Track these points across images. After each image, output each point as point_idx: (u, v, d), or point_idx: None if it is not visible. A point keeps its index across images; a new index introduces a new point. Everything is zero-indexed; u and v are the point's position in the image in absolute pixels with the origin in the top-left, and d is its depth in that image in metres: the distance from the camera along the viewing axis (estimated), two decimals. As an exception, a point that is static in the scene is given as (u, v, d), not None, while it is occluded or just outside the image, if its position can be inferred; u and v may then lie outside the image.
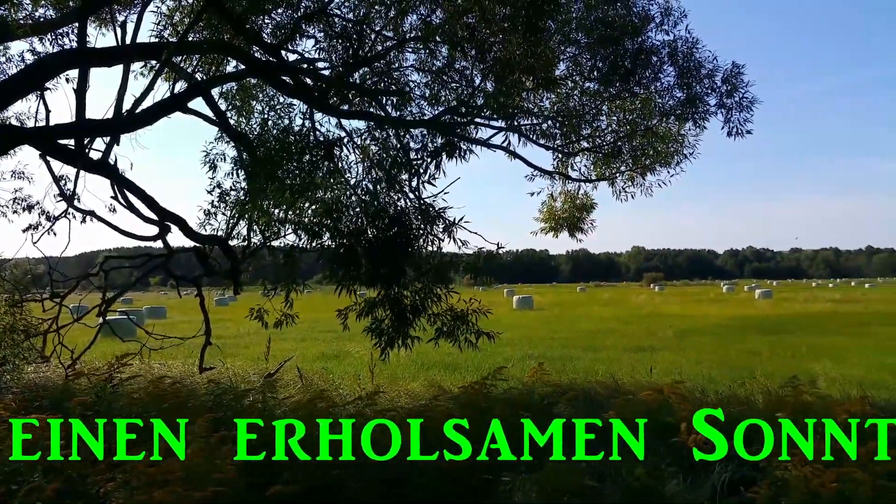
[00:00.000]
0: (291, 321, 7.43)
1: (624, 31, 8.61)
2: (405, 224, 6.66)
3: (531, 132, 9.69)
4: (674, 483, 4.10)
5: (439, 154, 6.63)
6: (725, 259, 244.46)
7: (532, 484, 3.86)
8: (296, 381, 9.22)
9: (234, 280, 7.82)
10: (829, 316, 27.33)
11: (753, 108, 8.75)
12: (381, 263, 6.62)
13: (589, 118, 10.17)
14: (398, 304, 6.97)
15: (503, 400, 5.79)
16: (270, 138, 7.50)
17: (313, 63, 8.38)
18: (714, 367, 12.46)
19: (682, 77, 9.07)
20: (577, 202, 12.33)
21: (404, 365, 11.97)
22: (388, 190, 6.83)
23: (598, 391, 8.28)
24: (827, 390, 8.81)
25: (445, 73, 8.57)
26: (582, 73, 9.59)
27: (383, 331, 7.10)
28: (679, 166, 10.63)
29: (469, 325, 7.04)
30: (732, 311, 31.89)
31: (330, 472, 4.26)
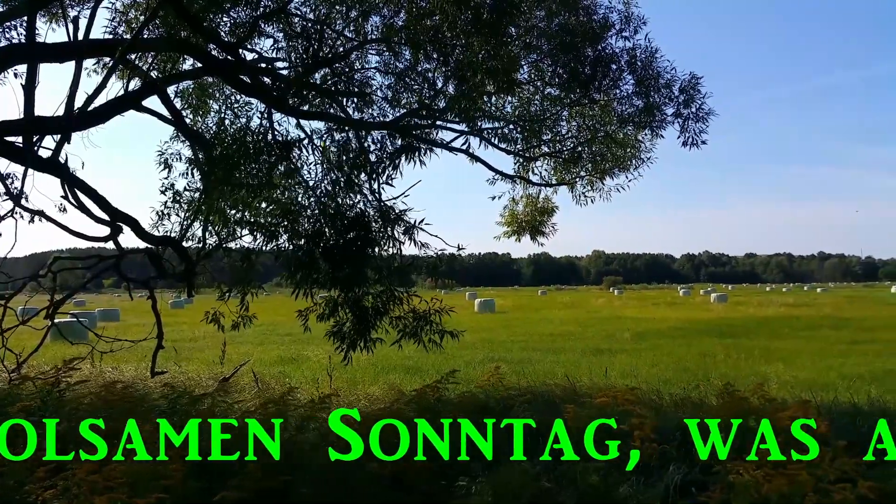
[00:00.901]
0: (248, 323, 7.32)
1: (584, 38, 8.68)
2: (365, 226, 6.61)
3: (493, 136, 9.74)
4: (627, 485, 4.15)
5: (398, 156, 6.60)
6: (682, 263, 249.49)
7: (488, 487, 3.86)
8: (252, 386, 9.08)
9: (188, 282, 7.66)
10: (781, 320, 28.04)
11: (709, 120, 8.91)
12: (341, 266, 6.56)
13: (550, 123, 10.26)
14: (359, 306, 6.92)
15: (457, 403, 5.79)
16: (227, 138, 7.38)
17: (272, 63, 8.27)
18: (669, 370, 12.68)
19: (640, 85, 9.17)
20: (538, 206, 12.44)
21: (364, 368, 11.89)
22: (348, 192, 6.77)
23: (556, 393, 8.37)
24: (779, 392, 9.09)
25: (408, 76, 8.54)
26: (543, 79, 9.68)
27: (345, 334, 7.04)
28: (637, 171, 10.83)
29: (432, 325, 7.02)
30: (688, 315, 32.52)
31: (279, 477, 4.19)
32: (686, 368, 12.91)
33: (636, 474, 4.39)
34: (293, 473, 4.36)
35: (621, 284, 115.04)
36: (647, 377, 11.49)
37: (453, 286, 8.40)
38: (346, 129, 7.46)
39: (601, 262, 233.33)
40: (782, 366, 13.20)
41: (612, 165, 11.01)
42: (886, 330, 21.77)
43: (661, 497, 4.09)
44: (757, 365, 13.50)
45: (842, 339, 19.10)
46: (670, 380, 11.05)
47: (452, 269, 7.28)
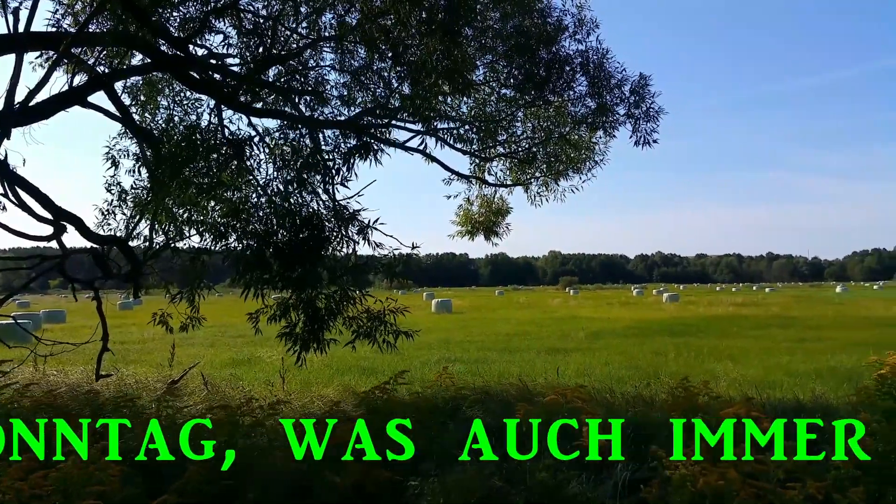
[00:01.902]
0: (198, 325, 7.15)
1: (539, 40, 8.76)
2: (318, 226, 6.52)
3: (449, 136, 9.74)
4: (576, 483, 4.19)
5: (353, 155, 6.53)
6: (636, 264, 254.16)
7: (439, 487, 3.85)
8: (201, 389, 8.89)
9: (134, 283, 7.44)
10: (731, 319, 28.77)
11: (659, 119, 9.09)
12: (293, 266, 6.46)
13: (505, 124, 10.31)
14: (312, 307, 6.82)
15: (407, 403, 5.76)
16: (176, 135, 7.20)
17: (223, 59, 8.11)
18: (622, 368, 12.89)
19: (593, 87, 9.30)
20: (492, 206, 12.49)
21: (318, 370, 11.77)
22: (300, 191, 6.67)
23: (510, 393, 8.42)
24: (727, 390, 9.31)
25: (363, 74, 8.48)
26: (498, 80, 9.72)
27: (297, 335, 6.93)
28: (591, 172, 10.95)
29: (387, 325, 6.97)
30: (641, 314, 33.13)
31: (222, 482, 4.10)
32: (638, 367, 13.15)
33: (586, 471, 4.44)
34: (239, 478, 4.27)
35: (577, 284, 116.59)
36: (600, 376, 11.67)
37: (410, 286, 8.36)
38: (299, 128, 7.35)
39: (558, 262, 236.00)
40: (731, 364, 13.55)
41: (566, 166, 11.12)
42: (831, 328, 22.55)
43: (610, 494, 4.14)
44: (707, 363, 13.82)
45: (789, 338, 19.69)
46: (623, 378, 11.24)
47: (409, 269, 7.23)
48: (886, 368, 5.30)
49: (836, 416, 5.54)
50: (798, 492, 3.19)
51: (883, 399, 4.97)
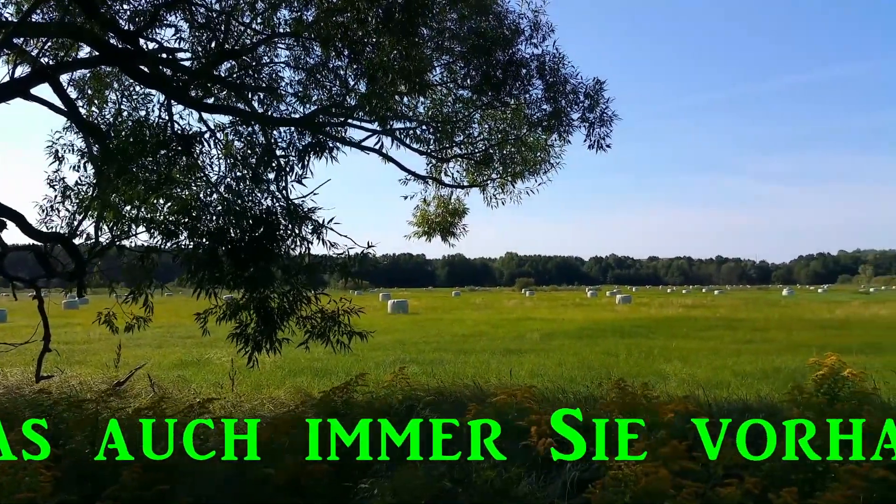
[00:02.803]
0: (144, 325, 6.96)
1: (496, 43, 8.80)
2: (271, 224, 6.41)
3: (405, 136, 9.72)
4: (526, 483, 4.22)
5: (307, 153, 6.45)
6: (591, 266, 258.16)
7: (389, 488, 3.83)
8: (147, 391, 8.66)
9: (78, 282, 7.21)
10: (681, 320, 29.40)
11: (613, 124, 9.21)
12: (246, 265, 6.34)
13: (462, 125, 10.33)
14: (264, 306, 6.71)
15: (364, 405, 5.72)
16: (125, 130, 7.01)
17: (174, 53, 7.93)
18: (575, 369, 13.05)
19: (549, 90, 9.37)
20: (449, 207, 12.50)
21: (270, 371, 11.60)
22: (253, 189, 6.56)
23: (465, 394, 8.44)
24: (676, 390, 9.51)
25: (319, 72, 8.38)
26: (456, 81, 9.74)
27: (249, 336, 6.81)
28: (547, 175, 11.05)
29: (340, 325, 6.90)
30: (595, 316, 33.60)
31: (158, 486, 3.99)
32: (590, 367, 13.33)
33: (536, 471, 4.47)
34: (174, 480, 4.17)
35: (533, 286, 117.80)
36: (553, 376, 11.78)
37: (366, 287, 8.31)
38: (252, 125, 7.23)
39: (514, 263, 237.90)
40: (680, 364, 13.84)
41: (522, 168, 11.19)
42: (777, 330, 23.24)
43: (559, 493, 4.18)
44: (657, 363, 14.09)
45: (736, 339, 20.23)
46: (575, 378, 11.38)
47: (364, 269, 7.18)
48: (825, 369, 5.49)
49: (780, 415, 5.72)
50: (735, 488, 3.28)
51: (819, 398, 5.15)
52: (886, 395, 8.07)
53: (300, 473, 4.08)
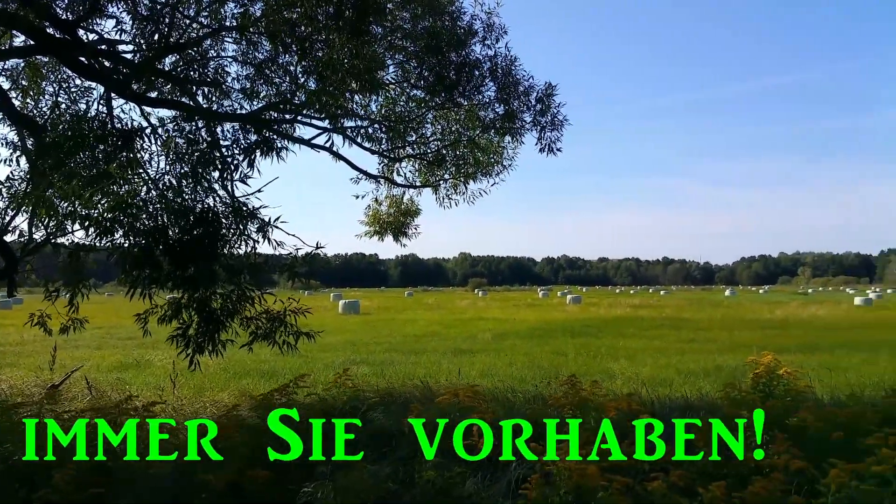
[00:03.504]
0: (80, 326, 6.69)
1: (449, 43, 8.79)
2: (214, 223, 6.23)
3: (357, 135, 9.62)
4: (472, 482, 4.21)
5: (253, 151, 6.29)
6: (543, 266, 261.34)
7: (332, 490, 3.76)
8: (84, 393, 8.35)
9: (9, 280, 6.89)
10: (628, 320, 29.98)
11: (564, 128, 9.30)
12: (186, 264, 6.15)
13: (414, 125, 10.29)
14: (206, 307, 6.52)
15: (306, 406, 5.63)
16: (62, 123, 6.72)
17: (115, 45, 7.67)
18: (525, 368, 13.16)
19: (501, 92, 9.42)
20: (401, 207, 12.42)
21: (214, 374, 11.34)
22: (195, 186, 6.36)
23: (414, 394, 8.39)
24: (622, 388, 9.67)
25: (268, 67, 8.22)
26: (409, 80, 9.70)
27: (191, 337, 6.61)
28: (499, 176, 11.08)
29: (287, 326, 6.75)
30: (546, 316, 34.00)
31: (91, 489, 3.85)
32: (540, 366, 13.45)
33: (482, 470, 4.47)
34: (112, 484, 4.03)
35: (486, 286, 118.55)
36: (503, 376, 11.85)
37: (317, 287, 8.17)
38: (196, 120, 7.02)
39: (468, 264, 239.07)
40: (626, 363, 14.11)
41: (475, 169, 11.19)
42: (719, 330, 23.89)
43: (503, 492, 4.19)
44: (604, 362, 14.33)
45: (680, 338, 20.73)
46: (525, 378, 11.47)
47: (314, 269, 7.05)
48: (761, 368, 5.66)
49: (720, 412, 5.86)
50: (661, 482, 3.35)
51: (754, 396, 5.31)
52: (821, 391, 8.36)
53: (241, 478, 3.97)
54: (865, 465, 3.10)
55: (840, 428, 4.48)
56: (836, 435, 4.32)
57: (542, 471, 3.66)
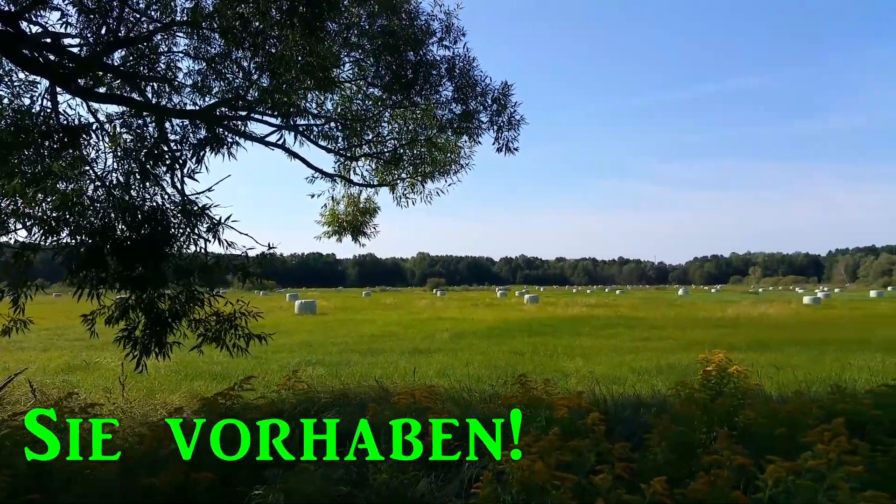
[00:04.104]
0: (24, 328, 6.45)
1: (406, 42, 8.76)
2: (162, 222, 6.08)
3: (313, 133, 9.51)
4: (425, 482, 4.20)
5: (202, 148, 6.15)
6: (501, 266, 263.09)
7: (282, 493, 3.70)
8: (28, 397, 8.07)
9: (-54, 280, 6.60)
10: (584, 319, 30.34)
11: (520, 128, 9.35)
12: (133, 264, 5.99)
13: (371, 123, 10.22)
14: (154, 308, 6.36)
15: (253, 408, 5.54)
16: (4, 119, 6.47)
17: (60, 38, 7.42)
18: (482, 368, 13.19)
19: (459, 92, 9.41)
20: (359, 206, 12.32)
21: (165, 376, 11.09)
22: (143, 183, 6.19)
23: (370, 395, 8.34)
24: (577, 386, 9.78)
25: (220, 63, 8.06)
26: (365, 79, 9.63)
27: (137, 339, 6.44)
28: (457, 176, 11.08)
29: (238, 328, 6.62)
30: (503, 315, 34.18)
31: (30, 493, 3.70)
32: (497, 366, 13.50)
33: (435, 470, 4.46)
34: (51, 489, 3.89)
35: (444, 286, 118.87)
36: (460, 375, 11.85)
37: (273, 287, 8.03)
38: (145, 116, 6.84)
39: (426, 264, 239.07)
40: (582, 361, 14.27)
41: (432, 169, 11.17)
42: (672, 328, 24.38)
43: (456, 492, 4.19)
44: (560, 361, 14.46)
45: (635, 337, 21.06)
46: (482, 377, 11.49)
47: (271, 269, 6.93)
48: (712, 366, 5.79)
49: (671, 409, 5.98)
50: (607, 474, 3.40)
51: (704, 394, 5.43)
52: (770, 389, 8.61)
53: (185, 481, 3.88)
54: (802, 460, 3.18)
55: (784, 424, 4.60)
56: (780, 431, 4.44)
57: (494, 470, 3.67)
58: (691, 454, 3.98)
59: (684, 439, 4.44)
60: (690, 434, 4.57)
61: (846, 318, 30.52)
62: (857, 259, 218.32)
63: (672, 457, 4.01)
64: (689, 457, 4.01)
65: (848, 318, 30.64)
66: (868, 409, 4.84)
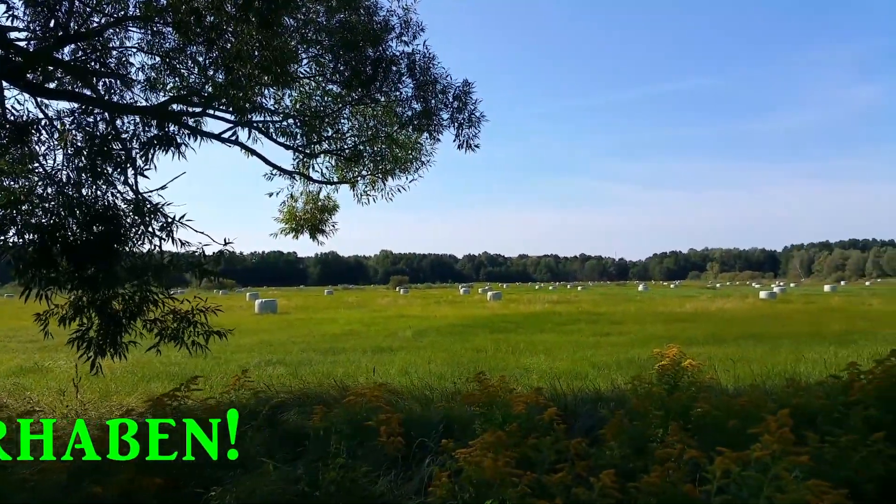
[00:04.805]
0: (-32, 330, 6.24)
1: (365, 38, 8.69)
2: (115, 220, 5.93)
3: (270, 129, 9.38)
4: (384, 480, 4.19)
5: (155, 144, 6.02)
6: (464, 263, 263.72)
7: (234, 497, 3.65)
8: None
9: None
10: (546, 315, 30.61)
11: (481, 125, 9.36)
12: (85, 264, 5.83)
13: (330, 120, 10.13)
14: (107, 308, 6.20)
15: (201, 409, 5.44)
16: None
17: (5, 31, 7.17)
18: (444, 365, 13.20)
19: (419, 89, 9.38)
20: (318, 204, 12.20)
21: (122, 377, 10.85)
22: (95, 181, 6.03)
23: (330, 394, 8.27)
24: (538, 381, 9.85)
25: (175, 58, 7.89)
26: (324, 75, 9.53)
27: (91, 339, 6.27)
28: (418, 173, 11.06)
29: (196, 326, 6.50)
30: (466, 312, 34.28)
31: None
32: (459, 363, 13.53)
33: (395, 468, 4.45)
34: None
35: (407, 284, 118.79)
36: (423, 373, 11.85)
37: (233, 286, 7.91)
38: (96, 112, 6.66)
39: (389, 261, 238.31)
40: (544, 357, 14.39)
41: (393, 166, 11.12)
42: (632, 323, 24.75)
43: (416, 489, 4.18)
44: (523, 357, 14.56)
45: (596, 332, 21.32)
46: (444, 374, 11.51)
47: (229, 266, 6.82)
48: (667, 360, 5.89)
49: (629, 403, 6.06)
50: (566, 472, 3.43)
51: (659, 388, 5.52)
52: (726, 382, 8.79)
53: (132, 486, 3.78)
54: (749, 451, 3.26)
55: (737, 416, 4.71)
56: (733, 423, 4.54)
57: (452, 468, 3.67)
58: (646, 449, 4.04)
59: (639, 434, 4.51)
60: (645, 429, 4.64)
61: (801, 311, 31.37)
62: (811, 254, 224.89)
63: (627, 451, 4.07)
64: (644, 451, 4.08)
65: (803, 311, 31.49)
66: (819, 400, 4.97)
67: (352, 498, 3.82)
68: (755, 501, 3.03)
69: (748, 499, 3.06)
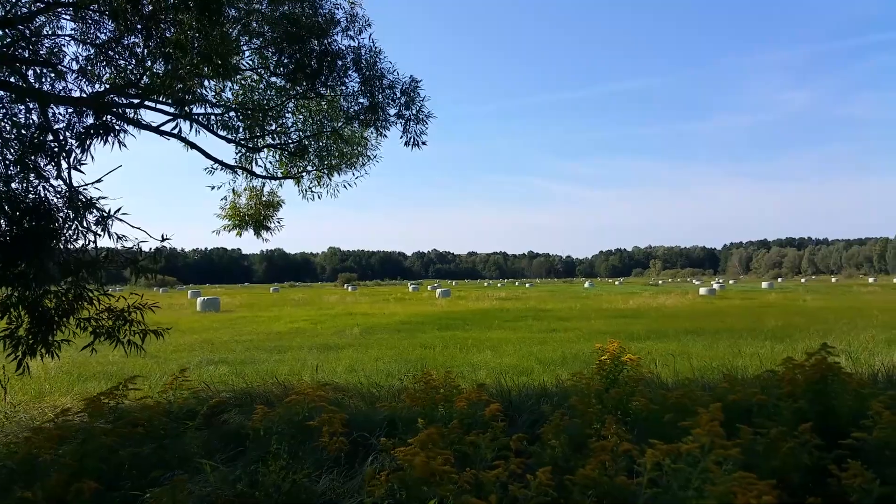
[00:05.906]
0: None
1: (310, 31, 8.58)
2: (46, 215, 5.68)
3: (211, 122, 9.16)
4: (326, 479, 4.15)
5: (88, 136, 5.79)
6: (414, 261, 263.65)
7: (173, 497, 3.54)
8: None
9: None
10: (494, 312, 30.85)
11: (428, 122, 9.34)
12: (14, 261, 5.58)
13: (274, 114, 9.95)
14: (38, 307, 5.94)
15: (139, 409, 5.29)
16: None
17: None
18: (392, 363, 13.17)
19: (365, 84, 9.31)
20: (262, 199, 11.96)
21: (56, 377, 10.43)
22: (25, 174, 5.77)
23: (274, 393, 8.14)
24: (485, 378, 9.91)
25: (111, 48, 7.61)
26: (268, 67, 9.37)
27: (21, 338, 6.00)
28: (364, 169, 11.00)
29: (132, 324, 6.29)
30: (415, 309, 34.27)
31: None
32: (407, 360, 13.52)
33: (338, 467, 4.42)
34: None
35: (356, 281, 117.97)
36: (370, 371, 11.79)
37: (173, 284, 7.69)
38: (27, 102, 6.37)
39: (337, 258, 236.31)
40: (491, 354, 14.50)
41: (339, 161, 11.02)
42: (578, 319, 25.18)
43: (358, 488, 4.15)
44: (470, 354, 14.63)
45: (542, 328, 21.61)
46: (391, 372, 11.49)
47: (168, 263, 6.63)
48: (607, 355, 6.00)
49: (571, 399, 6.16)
50: (503, 469, 3.47)
51: (598, 383, 5.63)
52: (666, 376, 9.01)
53: (64, 492, 3.64)
54: (679, 444, 3.35)
55: (672, 410, 4.83)
56: (669, 417, 4.66)
57: (393, 466, 3.66)
58: (586, 444, 4.10)
59: (578, 430, 4.58)
60: (584, 425, 4.72)
61: (739, 308, 32.42)
62: (750, 252, 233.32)
63: (567, 448, 4.12)
64: (584, 447, 4.14)
65: (740, 307, 32.56)
66: (754, 394, 5.14)
67: (291, 498, 3.77)
68: (684, 493, 3.12)
69: (678, 491, 3.15)
